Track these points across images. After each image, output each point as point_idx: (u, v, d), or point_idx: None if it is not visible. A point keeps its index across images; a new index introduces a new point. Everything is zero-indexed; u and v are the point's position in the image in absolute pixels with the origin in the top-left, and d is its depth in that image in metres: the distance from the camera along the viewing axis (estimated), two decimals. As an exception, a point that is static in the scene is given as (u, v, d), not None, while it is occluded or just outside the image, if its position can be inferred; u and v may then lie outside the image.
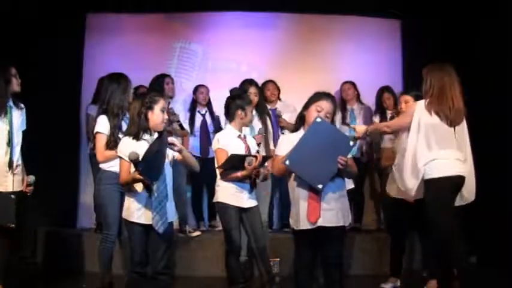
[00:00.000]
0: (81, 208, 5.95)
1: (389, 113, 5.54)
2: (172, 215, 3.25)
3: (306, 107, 3.30)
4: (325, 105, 3.23)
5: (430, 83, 3.69)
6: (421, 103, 3.69)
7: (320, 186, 3.09)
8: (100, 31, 6.15)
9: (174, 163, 3.31)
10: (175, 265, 4.45)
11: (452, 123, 3.65)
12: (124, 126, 3.82)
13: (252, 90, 4.52)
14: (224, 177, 3.78)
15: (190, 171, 3.95)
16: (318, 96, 3.28)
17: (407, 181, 3.70)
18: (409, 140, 3.70)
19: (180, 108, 5.65)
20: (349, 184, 3.66)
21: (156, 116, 3.22)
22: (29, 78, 4.06)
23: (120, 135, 3.76)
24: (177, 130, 5.17)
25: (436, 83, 3.67)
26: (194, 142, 5.49)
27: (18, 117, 3.92)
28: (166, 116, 3.27)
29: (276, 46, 6.23)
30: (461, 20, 5.55)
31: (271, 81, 5.60)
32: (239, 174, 3.72)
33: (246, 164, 3.67)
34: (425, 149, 3.64)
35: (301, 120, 3.33)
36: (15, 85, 3.92)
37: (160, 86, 5.11)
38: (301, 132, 3.27)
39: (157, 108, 3.23)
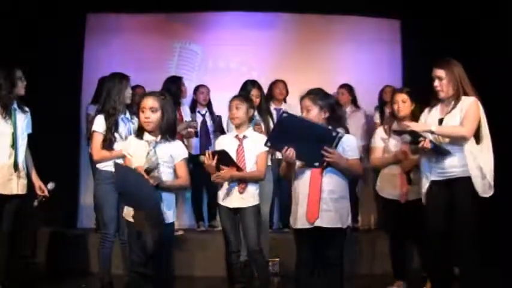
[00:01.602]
0: (82, 208, 5.97)
1: (387, 111, 5.53)
2: (171, 216, 3.18)
3: None
4: (301, 104, 3.29)
5: (460, 79, 3.52)
6: (477, 100, 3.52)
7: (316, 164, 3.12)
8: (100, 31, 6.16)
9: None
10: (175, 265, 4.44)
11: None
12: (122, 126, 3.82)
13: (254, 92, 4.53)
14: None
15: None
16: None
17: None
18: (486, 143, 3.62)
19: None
20: None
21: (140, 117, 3.18)
22: (29, 78, 4.06)
23: (116, 135, 3.77)
24: (182, 130, 5.09)
25: (466, 78, 3.55)
26: (195, 142, 5.49)
27: (22, 120, 3.93)
28: (145, 115, 3.10)
29: (276, 46, 6.24)
30: (461, 20, 5.55)
31: (282, 80, 5.59)
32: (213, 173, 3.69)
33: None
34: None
35: None
36: (21, 88, 3.93)
37: (179, 88, 5.30)
38: None
39: (140, 109, 3.16)
